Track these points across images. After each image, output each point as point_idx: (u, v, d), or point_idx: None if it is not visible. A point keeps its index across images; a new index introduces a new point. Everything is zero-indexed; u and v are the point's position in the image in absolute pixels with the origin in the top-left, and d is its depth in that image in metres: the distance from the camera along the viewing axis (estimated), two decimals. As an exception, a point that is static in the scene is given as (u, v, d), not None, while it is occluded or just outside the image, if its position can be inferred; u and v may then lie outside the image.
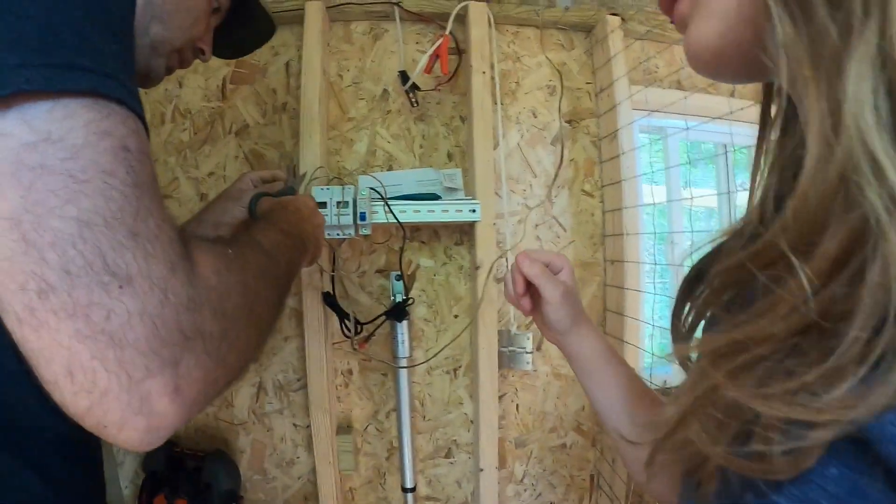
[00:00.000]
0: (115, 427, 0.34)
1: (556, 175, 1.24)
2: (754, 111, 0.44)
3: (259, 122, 1.21)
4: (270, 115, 1.21)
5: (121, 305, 0.33)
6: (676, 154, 1.44)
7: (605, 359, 0.61)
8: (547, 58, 1.25)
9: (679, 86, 1.33)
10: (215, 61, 1.21)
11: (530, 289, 0.62)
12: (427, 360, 1.20)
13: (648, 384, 1.12)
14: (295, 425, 1.21)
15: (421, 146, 1.22)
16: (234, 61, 1.21)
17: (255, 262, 0.52)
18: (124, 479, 1.25)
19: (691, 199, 1.07)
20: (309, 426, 1.20)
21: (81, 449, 0.55)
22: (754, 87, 0.42)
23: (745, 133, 1.43)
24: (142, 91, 1.31)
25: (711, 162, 1.55)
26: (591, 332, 0.62)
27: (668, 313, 0.49)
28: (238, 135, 1.20)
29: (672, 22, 0.36)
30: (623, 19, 1.25)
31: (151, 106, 1.20)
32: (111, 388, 0.33)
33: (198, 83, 1.21)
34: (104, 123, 0.35)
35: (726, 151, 1.32)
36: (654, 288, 1.24)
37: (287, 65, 1.21)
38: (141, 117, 0.39)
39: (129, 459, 1.24)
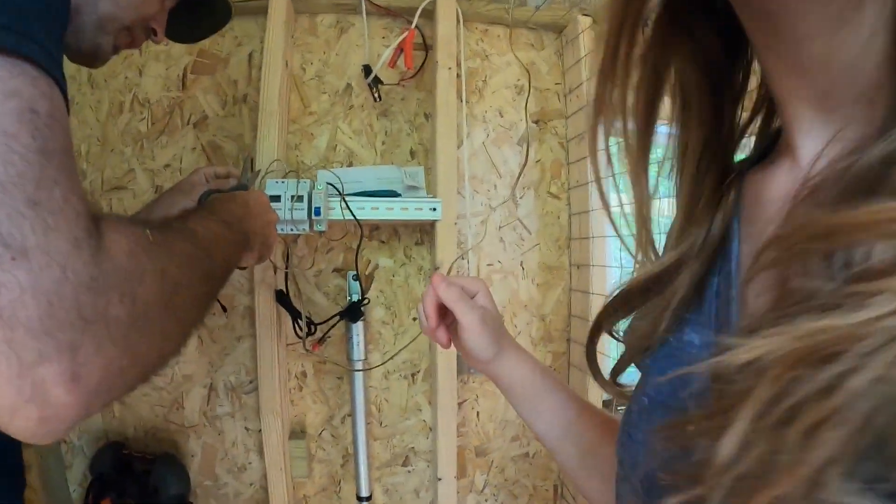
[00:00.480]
0: (6, 414, 0.31)
1: (519, 175, 1.19)
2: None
3: (219, 113, 1.15)
4: (230, 107, 1.15)
5: (12, 279, 0.30)
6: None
7: (538, 384, 0.55)
8: (516, 56, 1.21)
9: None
10: (177, 49, 1.16)
11: (447, 318, 0.56)
12: (383, 363, 1.14)
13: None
14: (247, 429, 1.15)
15: (383, 143, 1.17)
16: (196, 50, 1.16)
17: (181, 249, 0.48)
18: (72, 482, 1.18)
19: (658, 200, 1.02)
20: (261, 430, 1.14)
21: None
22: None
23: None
24: (102, 79, 1.25)
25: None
26: (519, 357, 0.56)
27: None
28: (196, 126, 1.15)
29: None
30: (595, 20, 1.21)
31: (110, 94, 1.15)
32: (0, 370, 0.30)
33: (158, 72, 1.16)
34: (11, 83, 0.33)
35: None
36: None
37: (250, 56, 1.16)
38: (58, 81, 0.36)
39: (77, 461, 1.17)
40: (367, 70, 1.11)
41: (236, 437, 1.15)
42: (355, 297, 1.09)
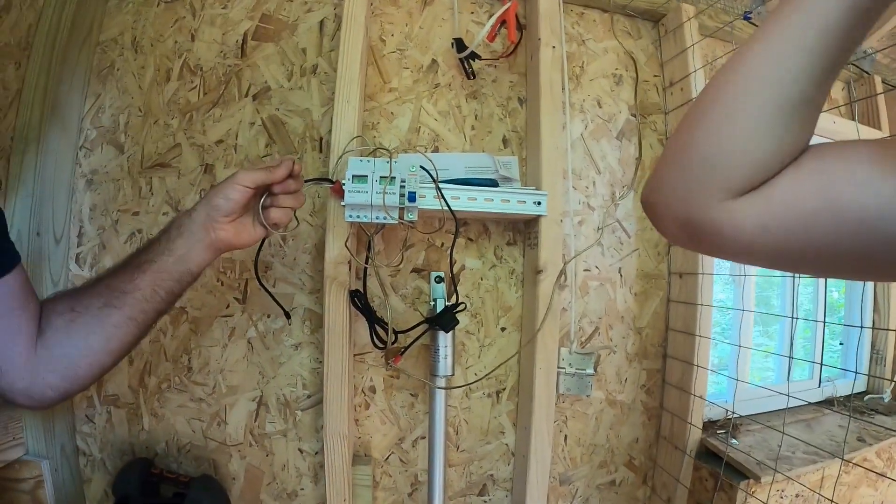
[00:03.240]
0: None
1: (636, 171, 0.96)
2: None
3: (283, 85, 0.90)
4: (297, 78, 0.90)
5: None
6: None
7: None
8: (619, 42, 0.99)
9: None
10: (237, 13, 0.91)
11: None
12: (477, 380, 0.88)
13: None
14: (300, 451, 0.89)
15: (473, 127, 0.93)
16: (259, 15, 0.91)
17: None
18: (90, 500, 0.90)
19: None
20: (318, 453, 0.87)
21: None
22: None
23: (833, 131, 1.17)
24: (147, 42, 0.96)
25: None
26: None
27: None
28: (256, 98, 0.89)
29: None
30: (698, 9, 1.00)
31: (156, 60, 0.89)
32: None
33: (213, 37, 0.90)
34: None
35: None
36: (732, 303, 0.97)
37: (321, 23, 0.91)
38: None
39: (97, 477, 0.89)
40: (459, 44, 0.88)
41: (287, 459, 0.89)
42: (440, 302, 0.84)
